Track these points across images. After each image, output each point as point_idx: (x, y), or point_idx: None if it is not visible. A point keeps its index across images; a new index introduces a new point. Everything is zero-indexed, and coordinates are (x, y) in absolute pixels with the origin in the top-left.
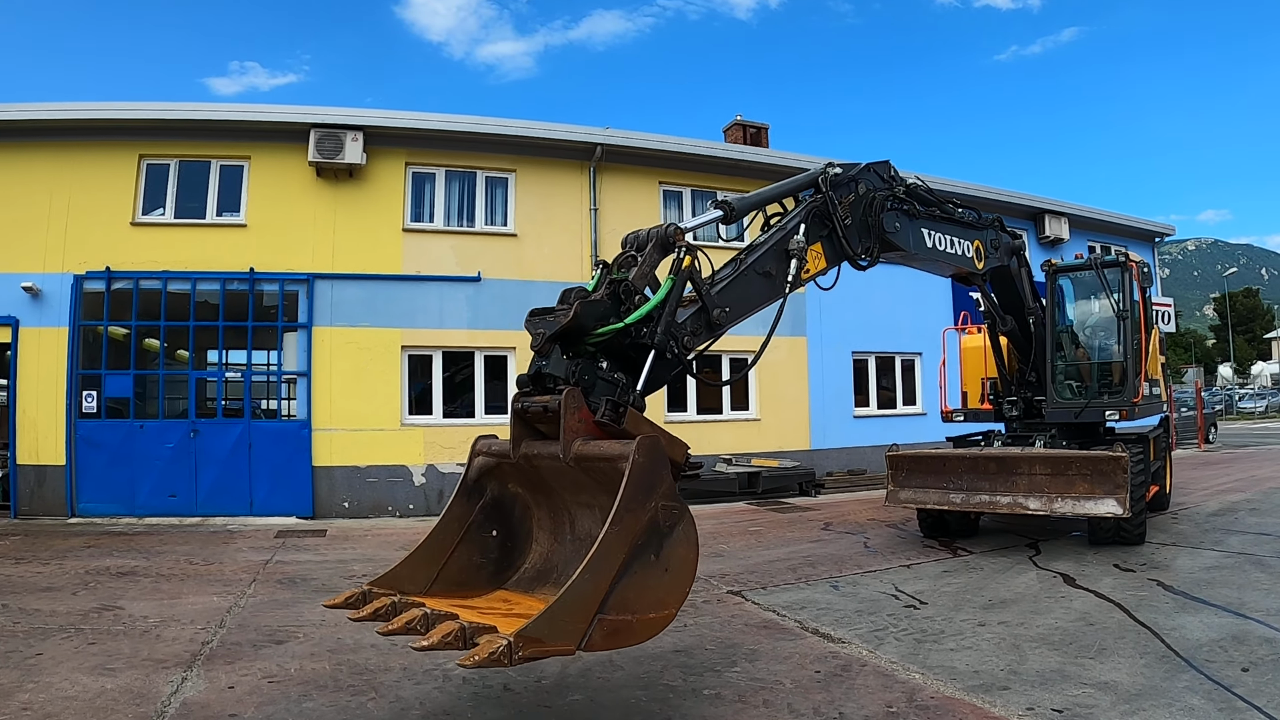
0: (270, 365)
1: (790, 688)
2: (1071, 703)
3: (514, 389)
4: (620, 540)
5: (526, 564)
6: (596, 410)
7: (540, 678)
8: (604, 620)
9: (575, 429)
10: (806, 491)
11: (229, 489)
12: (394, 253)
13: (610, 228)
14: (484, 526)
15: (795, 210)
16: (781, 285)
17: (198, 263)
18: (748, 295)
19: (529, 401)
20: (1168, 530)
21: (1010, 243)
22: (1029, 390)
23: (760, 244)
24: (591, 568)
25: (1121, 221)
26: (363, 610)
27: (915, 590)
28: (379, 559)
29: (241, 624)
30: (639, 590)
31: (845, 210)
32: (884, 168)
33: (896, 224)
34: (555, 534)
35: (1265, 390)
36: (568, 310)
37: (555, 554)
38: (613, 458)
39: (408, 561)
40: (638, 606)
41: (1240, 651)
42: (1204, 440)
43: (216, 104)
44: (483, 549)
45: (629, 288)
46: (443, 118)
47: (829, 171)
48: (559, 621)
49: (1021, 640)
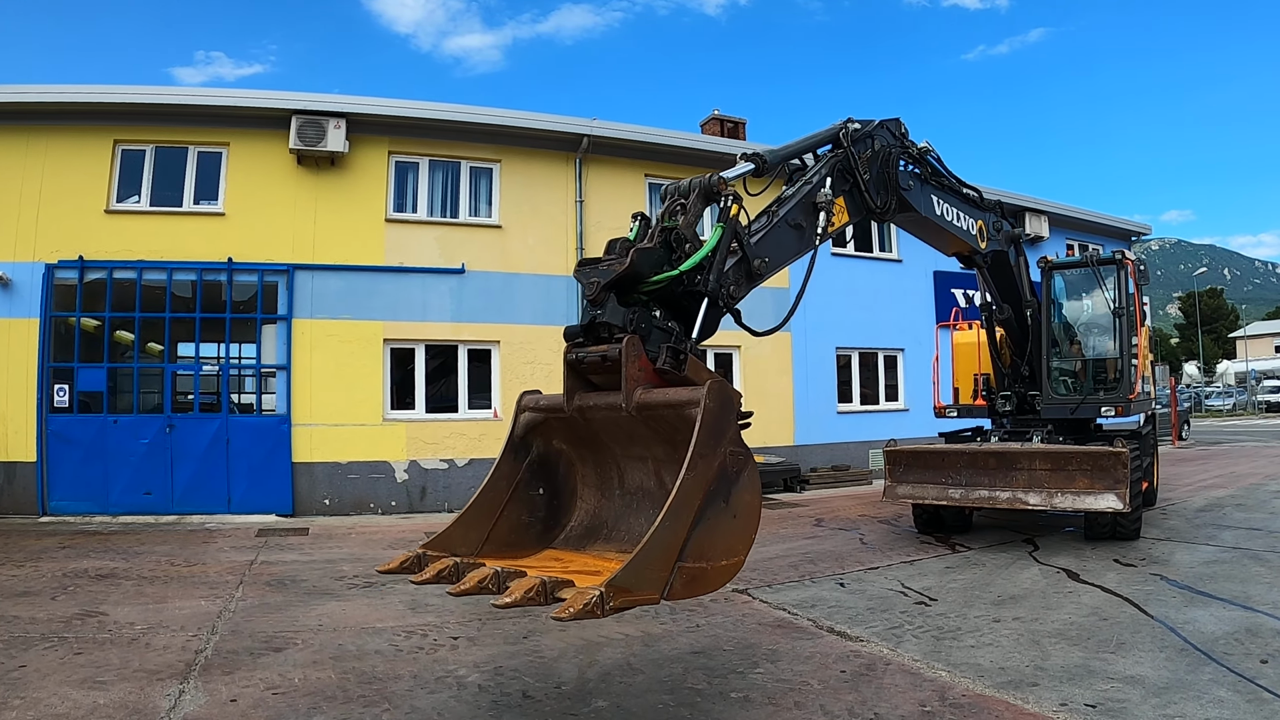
0: (248, 358)
1: (819, 688)
2: (1103, 697)
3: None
4: (696, 486)
5: (573, 522)
6: (656, 359)
7: (560, 684)
8: (683, 568)
9: (636, 377)
10: (792, 487)
11: (206, 486)
12: (376, 243)
13: (595, 220)
14: (531, 484)
15: (818, 165)
16: (811, 237)
17: (174, 252)
18: (782, 246)
19: (584, 352)
20: (1160, 526)
21: (1010, 230)
22: (1023, 385)
23: (789, 197)
24: (671, 515)
25: (1100, 220)
26: (425, 573)
27: (923, 587)
28: (367, 558)
29: (235, 630)
30: (713, 537)
31: (864, 165)
32: (895, 125)
33: (910, 182)
34: (602, 490)
35: (1230, 388)
36: (623, 258)
37: (603, 510)
38: (680, 404)
39: (459, 522)
40: (712, 554)
41: (1256, 644)
42: (1178, 437)
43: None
44: (530, 507)
45: (680, 235)
46: (427, 105)
47: (849, 126)
48: (644, 571)
49: (1040, 636)
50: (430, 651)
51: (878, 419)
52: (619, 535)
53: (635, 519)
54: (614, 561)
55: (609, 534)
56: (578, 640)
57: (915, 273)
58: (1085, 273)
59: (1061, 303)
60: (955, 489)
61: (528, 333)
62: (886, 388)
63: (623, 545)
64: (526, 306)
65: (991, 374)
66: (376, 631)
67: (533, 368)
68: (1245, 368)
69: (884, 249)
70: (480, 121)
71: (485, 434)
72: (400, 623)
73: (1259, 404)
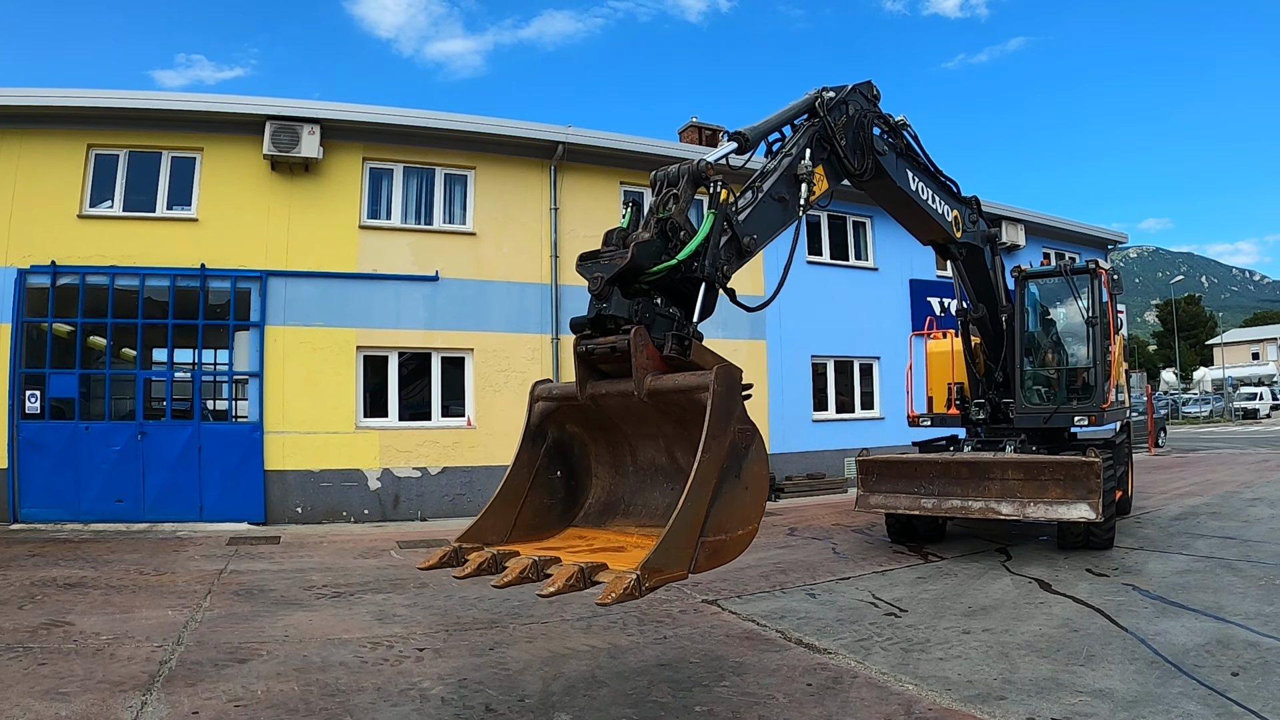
0: (221, 365)
1: (784, 702)
2: (1070, 711)
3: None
4: (712, 467)
5: (590, 500)
6: (662, 346)
7: (524, 697)
8: (705, 543)
9: (646, 365)
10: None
11: (178, 494)
12: (350, 250)
13: (570, 228)
14: (549, 469)
15: (796, 136)
16: (795, 208)
17: (147, 258)
18: (768, 220)
19: (594, 344)
20: (1133, 535)
21: (986, 229)
22: (996, 392)
23: (771, 170)
24: (691, 496)
25: (1076, 229)
26: (466, 568)
27: (893, 598)
28: (337, 568)
29: (200, 640)
30: (729, 510)
31: (840, 131)
32: (868, 88)
33: (884, 148)
34: (616, 468)
35: (1208, 395)
36: (624, 251)
37: (618, 486)
38: (690, 389)
39: (488, 513)
40: (729, 525)
41: (1227, 656)
42: (1154, 444)
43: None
44: (550, 490)
45: (675, 224)
46: (402, 112)
47: (824, 95)
48: (672, 550)
49: (1009, 648)
50: (395, 663)
51: (853, 427)
52: (636, 510)
53: (650, 493)
54: (634, 536)
55: (626, 509)
56: (544, 652)
57: (891, 281)
58: (1059, 282)
59: (1035, 312)
60: (928, 498)
61: (501, 341)
62: (862, 396)
63: (640, 520)
64: (500, 314)
65: (965, 383)
66: (342, 643)
67: (506, 376)
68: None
69: (860, 257)
70: (455, 128)
71: (459, 442)
72: (367, 634)
73: (1235, 411)
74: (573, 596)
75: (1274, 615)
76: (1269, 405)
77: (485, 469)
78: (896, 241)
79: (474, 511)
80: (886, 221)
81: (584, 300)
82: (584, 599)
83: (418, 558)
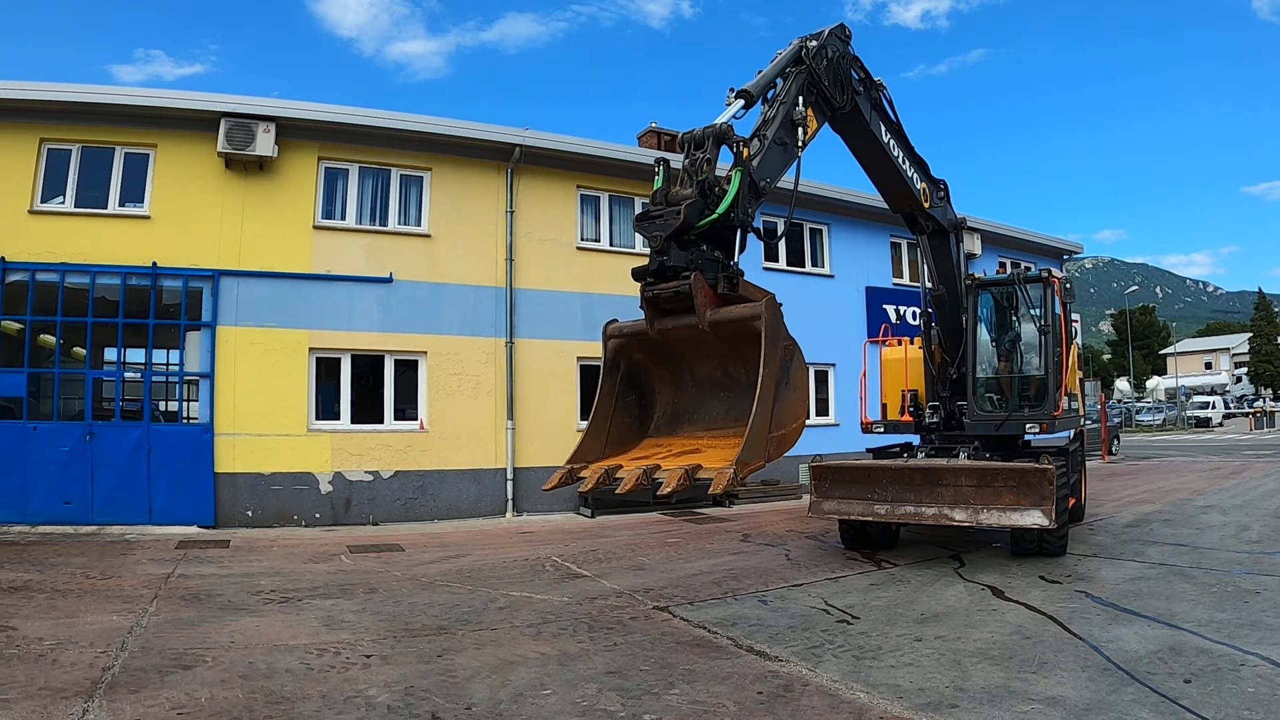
0: (171, 365)
1: (734, 710)
2: (1023, 719)
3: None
4: (770, 379)
5: (658, 413)
6: (715, 285)
7: (470, 705)
8: (773, 437)
9: (705, 303)
10: (721, 502)
11: (127, 496)
12: (304, 250)
13: (526, 231)
14: (625, 394)
15: (787, 85)
16: (794, 149)
17: (98, 255)
18: (775, 164)
19: (659, 289)
20: (1087, 542)
21: (955, 217)
22: (951, 394)
23: (772, 118)
24: (760, 403)
25: (1032, 239)
26: (587, 484)
27: (846, 604)
28: (287, 572)
29: (145, 646)
30: (785, 410)
31: (824, 73)
32: (841, 30)
33: (860, 89)
34: (677, 384)
35: (1161, 404)
36: (676, 210)
37: (681, 399)
38: (745, 319)
39: (585, 436)
40: (787, 421)
41: (1179, 663)
42: (1108, 452)
43: (123, 88)
44: (628, 410)
45: (711, 182)
46: (358, 111)
47: (808, 45)
48: (753, 446)
49: (961, 655)
50: (342, 670)
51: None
52: (699, 418)
53: (709, 402)
54: (705, 439)
55: (691, 418)
56: (492, 659)
57: (847, 288)
58: (1012, 290)
59: (988, 320)
60: (881, 505)
61: (455, 343)
62: (817, 402)
63: (707, 424)
64: (454, 317)
65: (920, 390)
66: (289, 649)
67: (460, 379)
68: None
69: (816, 264)
70: (411, 129)
71: (411, 446)
72: (314, 640)
73: (1188, 419)
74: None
75: (1226, 622)
76: (1221, 414)
77: (438, 473)
78: (853, 249)
79: (427, 516)
80: (843, 228)
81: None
82: (533, 605)
83: (368, 562)
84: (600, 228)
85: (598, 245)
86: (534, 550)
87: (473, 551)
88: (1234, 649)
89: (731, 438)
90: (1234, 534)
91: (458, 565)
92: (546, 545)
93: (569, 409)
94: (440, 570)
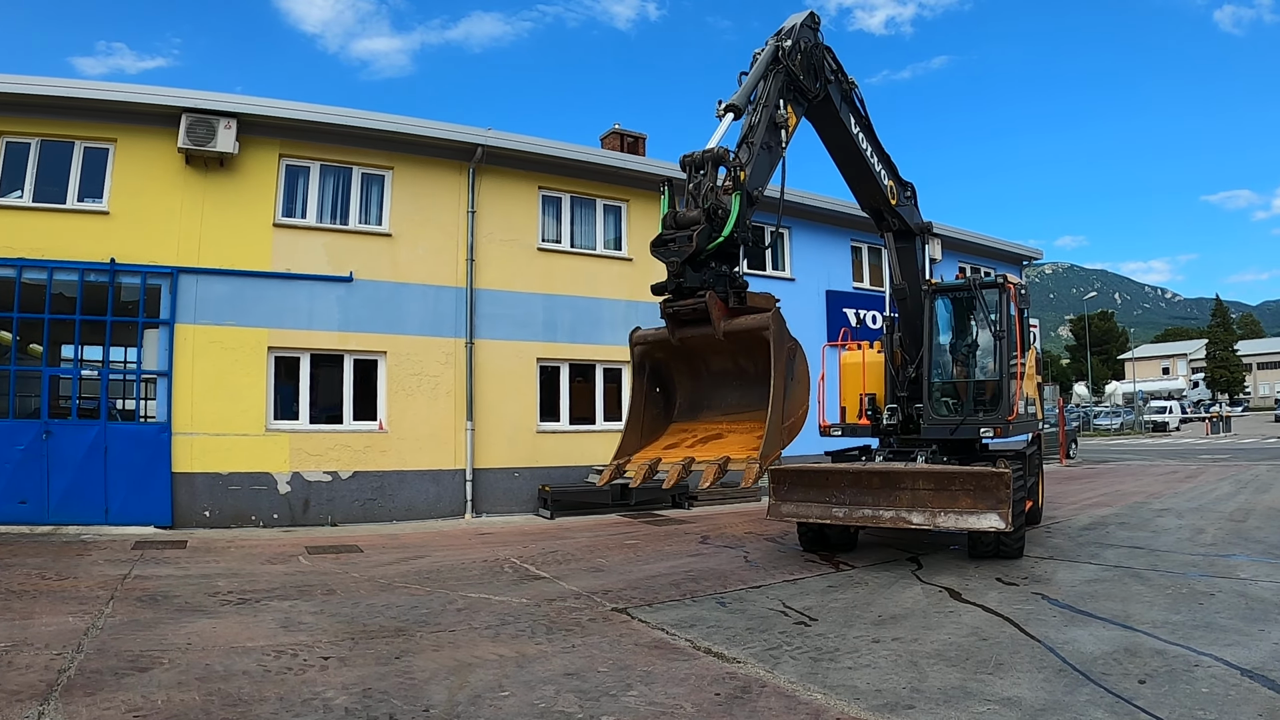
0: (129, 363)
1: (692, 711)
2: None
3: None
4: (780, 378)
5: (679, 402)
6: (726, 299)
7: (428, 707)
8: (785, 427)
9: (719, 316)
10: (680, 504)
11: (83, 495)
12: (263, 248)
13: (487, 231)
14: (652, 390)
15: (767, 88)
16: (778, 151)
17: (56, 251)
18: (763, 169)
19: (678, 305)
20: (1043, 544)
21: (921, 220)
22: (910, 397)
23: (758, 124)
24: (774, 399)
25: (992, 245)
26: (635, 480)
27: (804, 606)
28: (244, 573)
29: (101, 648)
30: (793, 401)
31: (799, 67)
32: (811, 19)
33: (830, 76)
34: (694, 378)
35: (1118, 408)
36: (689, 237)
37: (698, 389)
38: (756, 329)
39: (625, 433)
40: (793, 411)
41: (1134, 664)
42: (1065, 456)
43: (84, 81)
44: (656, 404)
45: (717, 205)
46: (320, 109)
47: (783, 46)
48: (773, 439)
49: (918, 657)
50: (299, 672)
51: None
52: (716, 404)
53: (723, 391)
54: (724, 423)
55: (709, 404)
56: (450, 661)
57: (808, 292)
58: (968, 296)
59: (945, 325)
60: (839, 508)
61: (415, 344)
62: None
63: (724, 410)
64: (414, 317)
65: (878, 393)
66: (246, 651)
67: (419, 380)
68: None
69: (777, 268)
70: (373, 127)
71: (370, 446)
72: (271, 642)
73: (1145, 424)
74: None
75: (1181, 624)
76: (1178, 418)
77: (397, 474)
78: (813, 253)
79: (386, 517)
80: (804, 232)
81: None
82: (492, 607)
83: (326, 564)
84: (561, 229)
85: (559, 246)
86: (493, 552)
87: (431, 553)
88: (1188, 650)
89: (747, 421)
90: (1189, 537)
91: (416, 566)
92: (505, 547)
93: (529, 410)
94: (399, 571)
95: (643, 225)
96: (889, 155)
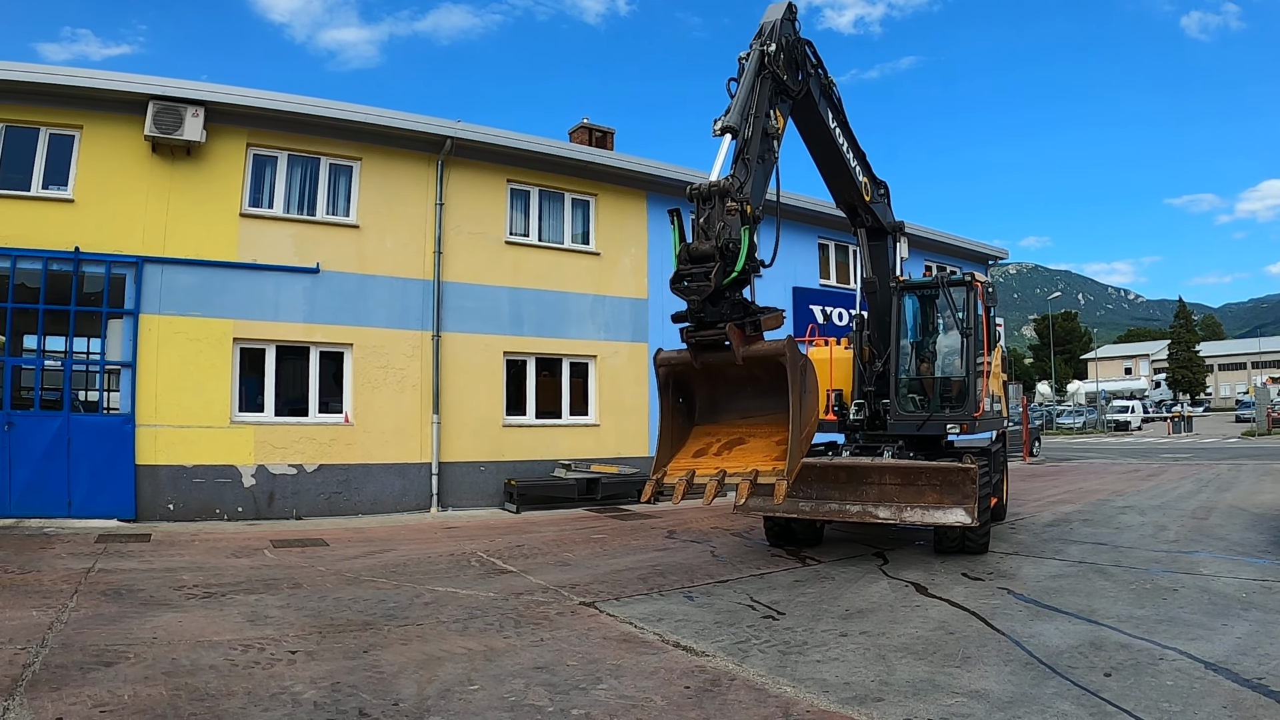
0: (93, 354)
1: (662, 705)
2: (947, 712)
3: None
4: (796, 397)
5: (698, 405)
6: (743, 328)
7: (398, 700)
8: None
9: (738, 344)
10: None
11: (46, 488)
12: (230, 239)
13: (455, 224)
14: (676, 402)
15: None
16: (772, 161)
17: (19, 239)
18: (761, 184)
19: (700, 336)
20: (1008, 540)
21: (893, 220)
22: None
23: (751, 138)
24: (794, 420)
25: (958, 244)
26: (676, 496)
27: (771, 600)
28: (209, 567)
29: (65, 643)
30: (807, 410)
31: (783, 68)
32: (790, 12)
33: (811, 70)
34: (711, 386)
35: (1081, 407)
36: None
37: (714, 393)
38: (773, 354)
39: (660, 448)
40: (810, 419)
41: (1100, 657)
42: (1029, 453)
43: (49, 66)
44: (681, 415)
45: (729, 243)
46: (289, 98)
47: (769, 50)
48: (795, 454)
49: (886, 650)
50: (267, 666)
51: None
52: (733, 408)
53: (739, 398)
54: (744, 426)
55: (727, 408)
56: (419, 655)
57: (775, 288)
58: (936, 293)
59: (913, 322)
60: (805, 502)
61: (382, 336)
62: None
63: (742, 413)
64: (381, 309)
65: (846, 389)
66: (212, 645)
67: (386, 372)
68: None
69: None
70: (342, 118)
71: (336, 439)
72: (238, 636)
73: (1108, 423)
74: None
75: (1144, 618)
76: (1140, 418)
77: (363, 467)
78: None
79: (351, 511)
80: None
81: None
82: (459, 601)
83: (292, 557)
84: (530, 222)
85: (527, 240)
86: (459, 545)
87: (398, 546)
88: (1153, 644)
89: (766, 426)
90: (1152, 534)
91: (383, 560)
92: (472, 540)
93: (495, 404)
94: (365, 565)
95: (610, 219)
96: (864, 152)
